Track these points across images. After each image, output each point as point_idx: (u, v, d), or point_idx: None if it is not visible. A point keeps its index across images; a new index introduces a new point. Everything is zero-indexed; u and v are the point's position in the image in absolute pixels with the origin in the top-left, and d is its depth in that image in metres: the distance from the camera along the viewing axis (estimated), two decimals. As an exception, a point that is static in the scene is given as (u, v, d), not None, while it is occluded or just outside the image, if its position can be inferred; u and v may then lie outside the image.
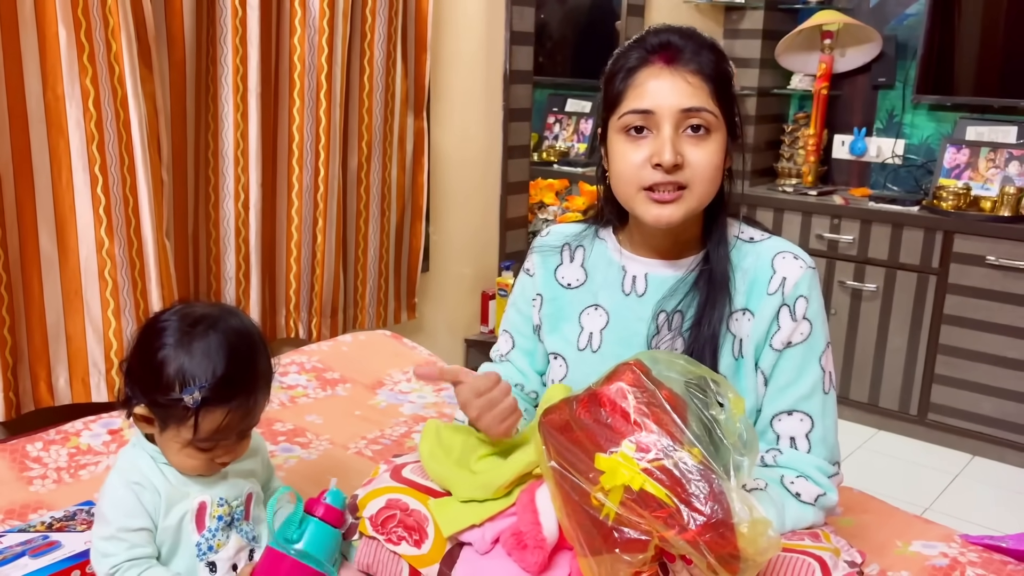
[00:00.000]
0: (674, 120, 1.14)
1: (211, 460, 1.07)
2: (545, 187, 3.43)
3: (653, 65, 1.15)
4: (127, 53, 1.83)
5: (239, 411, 1.05)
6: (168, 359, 1.03)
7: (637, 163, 1.16)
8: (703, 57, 1.15)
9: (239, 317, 1.11)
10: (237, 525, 1.12)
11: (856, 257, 3.26)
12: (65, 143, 1.81)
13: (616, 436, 0.95)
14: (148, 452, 1.09)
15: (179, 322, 1.05)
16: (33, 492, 1.47)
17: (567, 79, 3.84)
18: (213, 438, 1.04)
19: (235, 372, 1.03)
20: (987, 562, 1.30)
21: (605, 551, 0.94)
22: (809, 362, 1.20)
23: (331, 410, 1.87)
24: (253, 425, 1.10)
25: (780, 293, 1.19)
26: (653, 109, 1.14)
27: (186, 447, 1.05)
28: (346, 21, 2.26)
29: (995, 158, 3.25)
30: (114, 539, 1.05)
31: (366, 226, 2.50)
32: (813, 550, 1.04)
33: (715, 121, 1.15)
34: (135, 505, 1.06)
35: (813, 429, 1.19)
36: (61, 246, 1.86)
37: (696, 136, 1.15)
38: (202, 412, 1.02)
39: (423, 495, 1.17)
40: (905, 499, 2.52)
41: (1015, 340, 2.96)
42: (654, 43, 1.17)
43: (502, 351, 1.42)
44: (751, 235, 1.26)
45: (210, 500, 1.09)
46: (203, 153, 2.13)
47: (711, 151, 1.15)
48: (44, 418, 1.85)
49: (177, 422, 1.03)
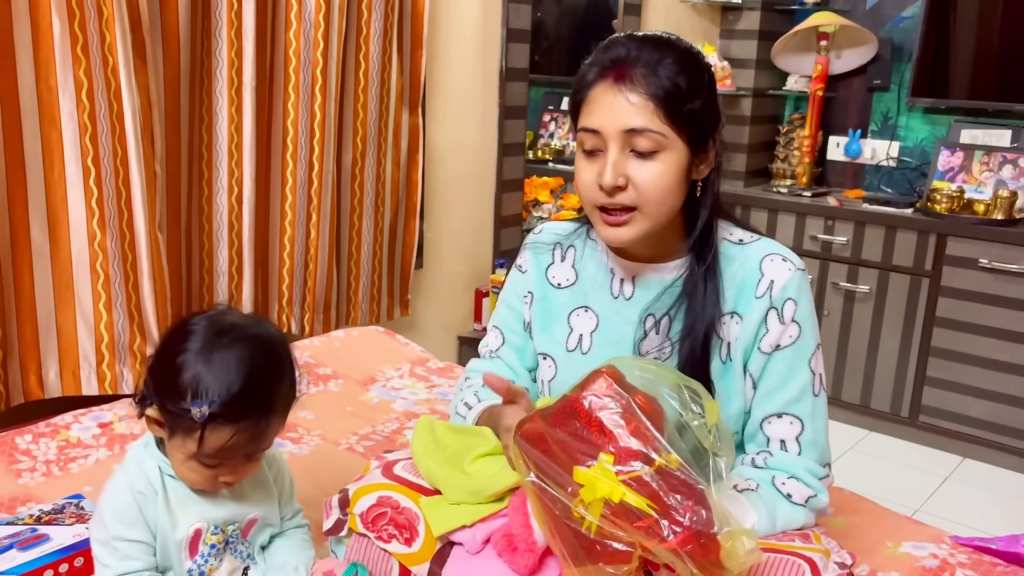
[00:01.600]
0: (619, 140, 1.11)
1: (214, 477, 1.04)
2: (540, 185, 3.43)
3: (604, 81, 1.13)
4: (121, 45, 1.82)
5: (247, 433, 1.00)
6: (185, 365, 0.98)
7: (589, 181, 1.15)
8: (658, 72, 1.10)
9: (270, 331, 1.06)
10: (232, 547, 1.10)
11: (849, 259, 3.27)
12: (58, 135, 1.80)
13: (593, 448, 0.94)
14: (157, 460, 1.06)
15: (207, 328, 1.01)
16: (22, 485, 1.47)
17: (563, 77, 3.83)
18: (217, 456, 1.01)
19: (250, 392, 0.99)
20: (977, 563, 1.31)
21: (589, 563, 0.94)
22: (798, 365, 1.19)
23: (323, 406, 1.86)
24: (263, 449, 1.06)
25: (768, 296, 1.18)
26: (599, 128, 1.12)
27: (190, 459, 1.02)
28: (342, 16, 2.25)
29: (989, 161, 3.26)
30: (108, 546, 1.03)
31: (360, 222, 2.50)
32: (803, 551, 1.04)
33: (664, 140, 1.11)
34: (135, 514, 1.03)
35: (803, 432, 1.19)
36: (53, 238, 1.85)
37: (643, 156, 1.11)
38: (209, 428, 0.98)
39: (414, 493, 1.17)
40: (896, 500, 2.53)
41: (1007, 343, 2.97)
42: (605, 59, 1.14)
43: (492, 347, 1.41)
44: (740, 237, 1.25)
45: (206, 527, 1.06)
46: (197, 147, 2.12)
47: (659, 171, 1.11)
48: (34, 411, 1.84)
49: (184, 432, 1.00)
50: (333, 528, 1.21)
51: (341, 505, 1.20)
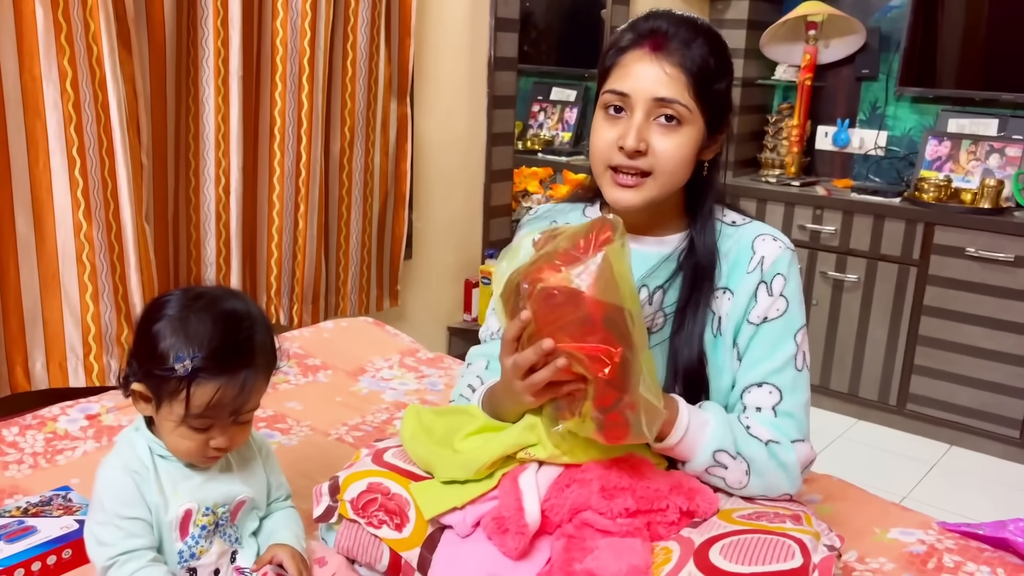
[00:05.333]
0: (646, 107, 1.16)
1: (206, 443, 1.04)
2: (529, 175, 3.43)
3: (640, 49, 1.17)
4: (106, 34, 1.80)
5: (232, 386, 1.02)
6: (163, 331, 1.02)
7: (608, 141, 1.19)
8: (692, 49, 1.15)
9: (242, 299, 1.10)
10: (221, 529, 1.10)
11: (838, 248, 3.28)
12: (42, 125, 1.79)
13: None
14: (147, 441, 1.07)
15: (181, 298, 1.05)
16: (9, 477, 1.46)
17: (552, 67, 3.83)
18: (206, 415, 1.02)
19: (230, 345, 1.02)
20: (963, 549, 1.32)
21: None
22: (784, 338, 1.21)
23: (312, 396, 1.86)
24: (249, 407, 1.07)
25: (759, 270, 1.21)
26: (629, 92, 1.17)
27: (180, 426, 1.03)
28: (329, 5, 2.24)
29: (976, 150, 3.27)
30: (109, 525, 1.03)
31: (348, 212, 2.49)
32: (793, 533, 1.05)
33: (688, 114, 1.16)
34: (133, 493, 1.04)
35: (781, 402, 1.20)
36: (38, 229, 1.83)
37: (667, 126, 1.16)
38: (194, 384, 1.00)
39: (404, 479, 1.17)
40: (884, 488, 2.54)
41: (993, 331, 2.99)
42: (644, 28, 1.19)
43: (492, 330, 1.41)
44: (733, 219, 1.29)
45: (196, 507, 1.07)
46: (183, 136, 2.11)
47: (679, 143, 1.16)
48: (21, 403, 1.83)
49: (170, 397, 1.02)
50: (323, 515, 1.21)
51: (331, 492, 1.20)
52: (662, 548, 1.08)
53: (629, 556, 1.03)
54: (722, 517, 1.12)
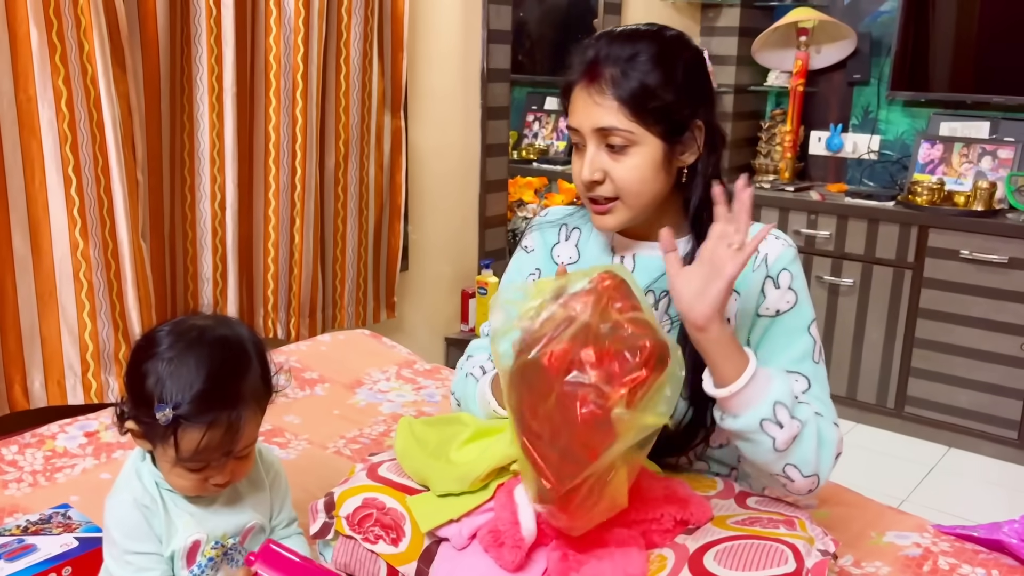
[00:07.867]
0: (594, 138, 1.19)
1: (203, 481, 1.03)
2: (524, 185, 3.44)
3: (581, 82, 1.19)
4: (100, 53, 1.81)
5: (218, 430, 0.98)
6: (148, 372, 0.99)
7: (576, 174, 1.23)
8: (627, 71, 1.14)
9: (234, 329, 1.06)
10: (230, 556, 1.09)
11: (833, 252, 3.29)
12: (38, 144, 1.80)
13: None
14: (153, 476, 1.06)
15: (169, 334, 1.02)
16: (8, 496, 1.46)
17: (546, 77, 3.84)
18: (196, 458, 1.00)
19: (212, 389, 0.98)
20: (959, 551, 1.32)
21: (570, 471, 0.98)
22: (799, 330, 1.21)
23: (310, 410, 1.87)
24: (243, 445, 1.04)
25: (764, 267, 1.22)
26: (577, 127, 1.20)
27: (175, 466, 1.01)
28: (322, 20, 2.25)
29: (968, 153, 3.29)
30: (121, 561, 1.03)
31: (344, 225, 2.50)
32: (787, 538, 1.05)
33: (633, 136, 1.16)
34: (142, 527, 1.03)
35: (810, 389, 1.20)
36: (35, 248, 1.84)
37: (617, 152, 1.18)
38: (179, 431, 0.97)
39: (400, 493, 1.17)
40: (882, 491, 2.55)
41: (989, 333, 3.00)
42: (581, 60, 1.20)
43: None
44: None
45: (205, 539, 1.06)
46: (178, 153, 2.12)
47: (631, 165, 1.17)
48: (19, 421, 1.83)
49: (160, 440, 1.00)
50: (320, 531, 1.22)
51: (327, 508, 1.21)
52: (657, 555, 1.08)
53: (625, 565, 1.04)
54: (716, 523, 1.12)
